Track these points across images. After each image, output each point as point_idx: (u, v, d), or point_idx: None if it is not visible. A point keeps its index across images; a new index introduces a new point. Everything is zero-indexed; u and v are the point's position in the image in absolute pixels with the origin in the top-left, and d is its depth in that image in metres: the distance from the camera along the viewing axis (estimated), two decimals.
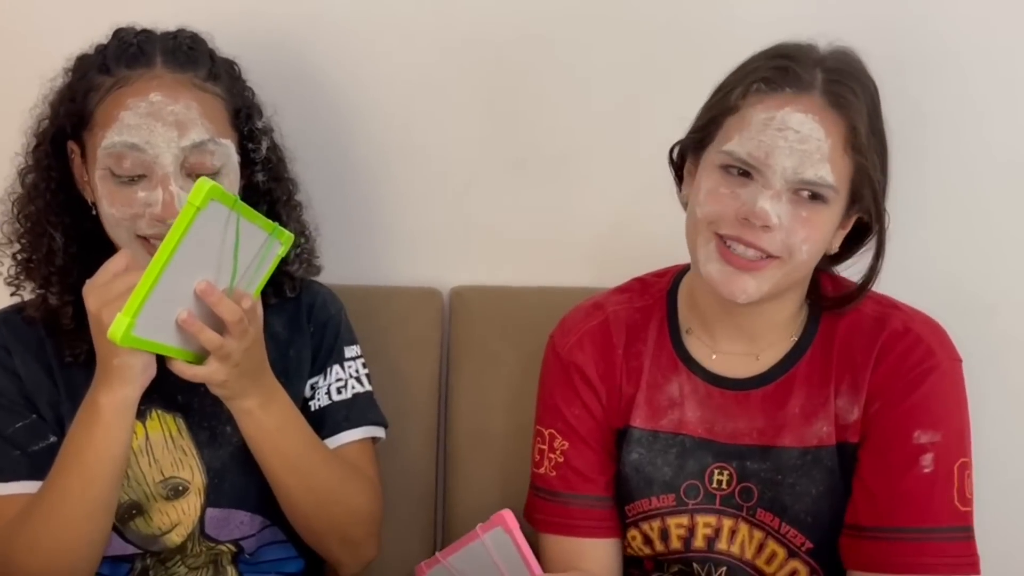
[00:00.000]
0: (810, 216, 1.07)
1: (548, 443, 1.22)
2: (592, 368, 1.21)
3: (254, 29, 1.39)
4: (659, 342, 1.21)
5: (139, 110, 1.07)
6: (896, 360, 1.11)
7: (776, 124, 1.06)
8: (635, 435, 1.19)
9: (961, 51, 1.44)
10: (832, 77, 1.08)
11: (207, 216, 0.93)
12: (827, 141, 1.05)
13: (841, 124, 1.06)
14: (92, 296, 1.00)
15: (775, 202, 1.06)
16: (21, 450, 1.13)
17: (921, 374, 1.10)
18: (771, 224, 1.05)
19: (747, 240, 1.07)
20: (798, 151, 1.05)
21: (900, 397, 1.10)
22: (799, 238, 1.06)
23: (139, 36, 1.13)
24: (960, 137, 1.46)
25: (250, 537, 1.21)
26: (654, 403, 1.19)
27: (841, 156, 1.06)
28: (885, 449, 1.10)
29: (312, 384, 1.24)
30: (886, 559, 1.09)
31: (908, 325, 1.13)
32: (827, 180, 1.05)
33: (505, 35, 1.45)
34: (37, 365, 1.16)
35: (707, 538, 1.17)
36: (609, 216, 1.50)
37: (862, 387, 1.12)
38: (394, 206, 1.50)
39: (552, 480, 1.21)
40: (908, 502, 1.09)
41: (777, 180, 1.06)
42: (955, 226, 1.49)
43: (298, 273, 1.25)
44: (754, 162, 1.06)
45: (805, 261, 1.09)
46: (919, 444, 1.09)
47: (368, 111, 1.46)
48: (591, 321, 1.23)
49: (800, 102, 1.06)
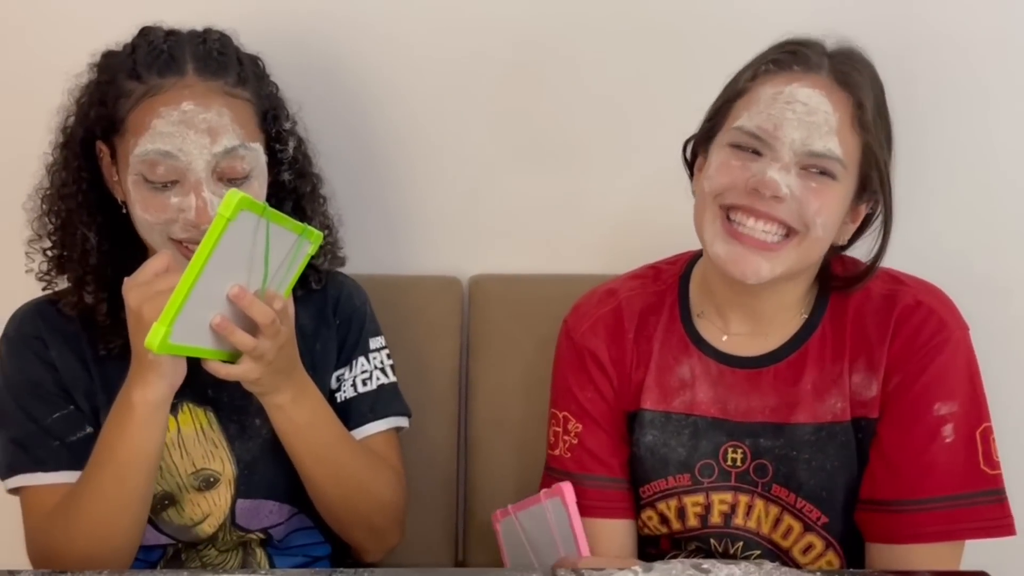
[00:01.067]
0: (820, 188, 1.09)
1: (563, 426, 1.25)
2: (604, 353, 1.23)
3: (277, 24, 1.40)
4: (669, 326, 1.23)
5: (171, 118, 1.09)
6: (910, 334, 1.13)
7: (784, 98, 1.08)
8: (647, 417, 1.21)
9: (969, 31, 1.45)
10: (838, 59, 1.11)
11: (237, 225, 0.95)
12: (835, 115, 1.08)
13: (848, 101, 1.09)
14: (133, 293, 1.02)
15: (784, 174, 1.08)
16: (60, 440, 1.16)
17: (935, 347, 1.12)
18: (781, 194, 1.07)
19: (759, 211, 1.08)
20: (806, 123, 1.07)
21: (917, 372, 1.12)
22: (812, 209, 1.08)
23: (168, 40, 1.14)
24: (969, 119, 1.48)
25: (279, 525, 1.25)
26: (664, 385, 1.21)
27: (849, 132, 1.09)
28: (907, 424, 1.13)
29: (338, 376, 1.27)
30: (917, 530, 1.11)
31: (918, 298, 1.15)
32: (835, 152, 1.08)
33: (522, 31, 1.46)
34: (72, 357, 1.19)
35: (723, 514, 1.20)
36: (624, 205, 1.52)
37: (879, 363, 1.14)
38: (414, 197, 1.51)
39: (566, 461, 1.24)
40: (934, 473, 1.11)
41: (786, 152, 1.08)
42: (967, 208, 1.51)
43: (323, 266, 1.27)
44: (763, 135, 1.09)
45: (820, 238, 1.10)
46: (939, 416, 1.12)
47: (388, 104, 1.48)
48: (604, 307, 1.25)
49: (808, 79, 1.10)
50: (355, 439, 1.22)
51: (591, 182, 1.52)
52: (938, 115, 1.47)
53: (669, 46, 1.46)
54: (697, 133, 1.20)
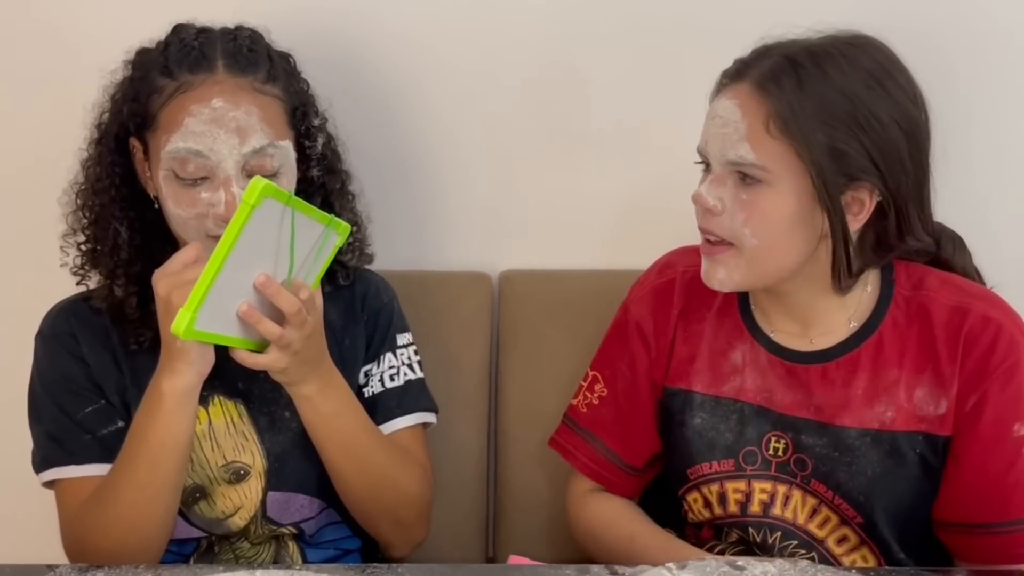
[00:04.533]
0: (751, 198, 1.10)
1: (590, 384, 1.30)
2: (649, 322, 1.26)
3: (308, 21, 1.41)
4: (725, 309, 1.24)
5: (202, 116, 1.10)
6: (983, 354, 1.12)
7: (711, 114, 1.14)
8: (697, 400, 1.22)
9: (999, 29, 1.44)
10: (772, 61, 1.10)
11: (262, 213, 0.95)
12: (743, 122, 1.09)
13: (764, 105, 1.08)
14: (162, 282, 1.03)
15: (715, 186, 1.11)
16: (92, 434, 1.18)
17: (1010, 367, 1.12)
18: (708, 206, 1.11)
19: (702, 227, 1.13)
20: (720, 135, 1.11)
21: (993, 393, 1.12)
22: (739, 220, 1.10)
23: (200, 38, 1.15)
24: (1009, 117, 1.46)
25: (310, 520, 1.25)
26: (717, 369, 1.22)
27: (764, 136, 1.08)
28: (988, 446, 1.13)
29: (366, 371, 1.27)
30: (1007, 551, 1.13)
31: (988, 314, 1.13)
32: (747, 158, 1.09)
33: (549, 26, 1.46)
34: (104, 352, 1.21)
35: (763, 503, 1.20)
36: (652, 199, 1.51)
37: (950, 381, 1.13)
38: (444, 193, 1.52)
39: (581, 415, 1.29)
40: (1019, 494, 1.12)
41: (716, 164, 1.12)
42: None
43: (351, 263, 1.28)
44: (702, 152, 1.15)
45: (759, 246, 1.10)
46: (1020, 436, 1.12)
47: (417, 101, 1.48)
48: (660, 279, 1.29)
49: (730, 90, 1.13)
50: (382, 433, 1.23)
51: (620, 177, 1.51)
52: (983, 103, 1.46)
53: (695, 40, 1.46)
54: None
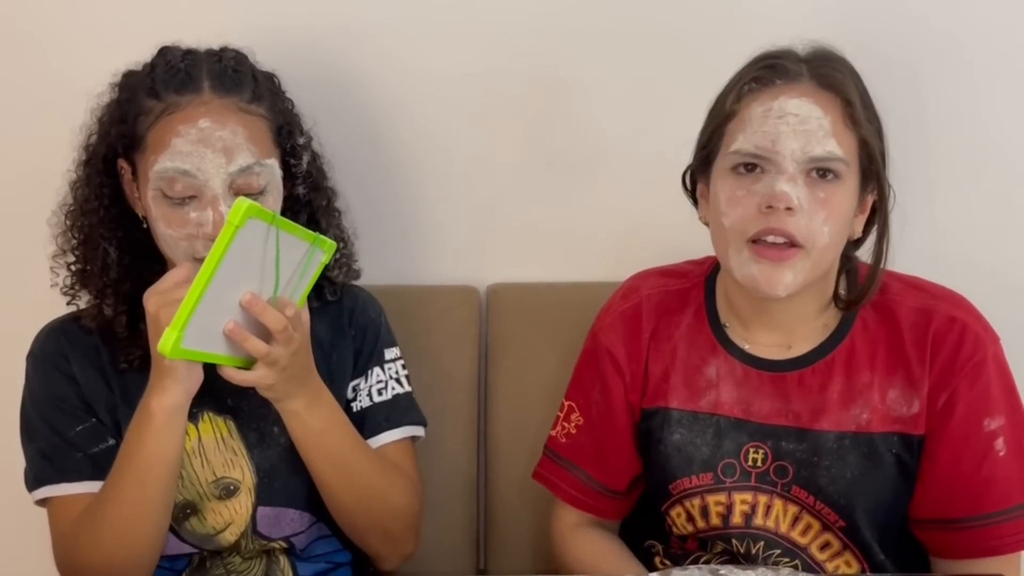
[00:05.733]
0: (827, 196, 1.11)
1: (566, 414, 1.31)
2: (620, 349, 1.26)
3: (291, 40, 1.43)
4: (696, 326, 1.25)
5: (189, 137, 1.11)
6: (950, 354, 1.15)
7: (775, 113, 1.11)
8: (675, 416, 1.23)
9: (973, 31, 1.46)
10: (816, 63, 1.14)
11: (247, 233, 0.97)
12: (827, 118, 1.10)
13: (836, 101, 1.11)
14: (152, 300, 1.05)
15: (792, 185, 1.09)
16: (83, 452, 1.19)
17: (976, 366, 1.14)
18: (793, 205, 1.09)
19: (776, 228, 1.10)
20: (801, 132, 1.10)
21: (962, 391, 1.14)
22: (819, 219, 1.10)
23: (185, 59, 1.17)
24: (981, 114, 1.48)
25: (300, 534, 1.26)
26: (692, 385, 1.23)
27: (843, 130, 1.11)
28: (959, 443, 1.15)
29: (354, 386, 1.28)
30: (984, 544, 1.15)
31: (952, 314, 1.17)
32: (836, 153, 1.10)
33: (535, 43, 1.48)
34: (94, 371, 1.22)
35: (744, 515, 1.21)
36: (639, 212, 1.52)
37: (921, 381, 1.16)
38: (431, 208, 1.53)
39: (561, 445, 1.31)
40: (993, 487, 1.15)
41: (789, 163, 1.10)
42: (981, 209, 1.51)
43: (339, 279, 1.30)
44: (763, 152, 1.11)
45: (828, 244, 1.12)
46: (990, 431, 1.14)
47: (404, 116, 1.50)
48: (625, 303, 1.29)
49: (792, 89, 1.12)
50: (370, 447, 1.24)
51: (606, 190, 1.53)
52: (943, 112, 1.48)
53: (680, 53, 1.47)
54: (693, 162, 1.22)
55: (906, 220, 1.19)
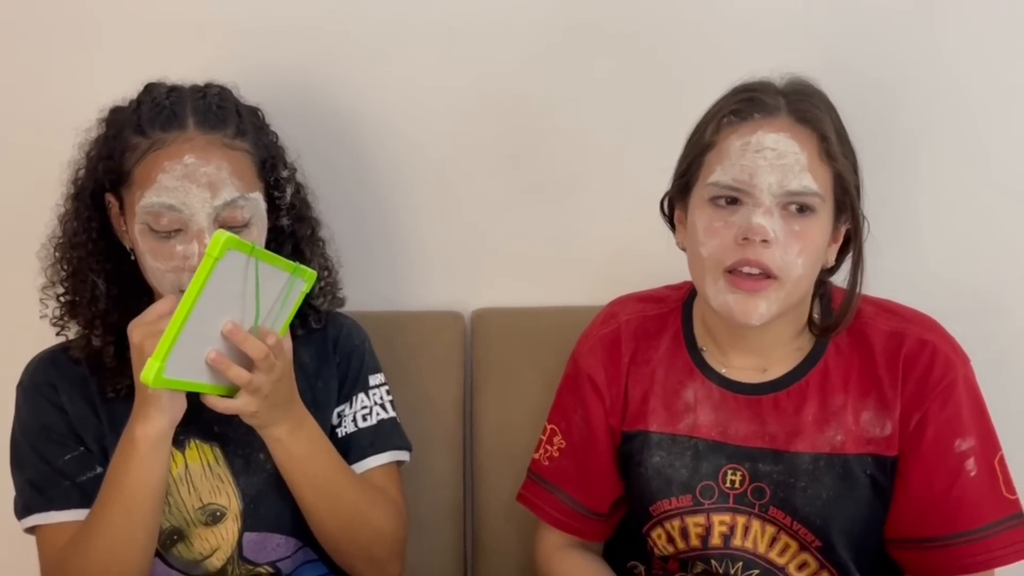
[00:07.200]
0: (802, 229, 1.13)
1: (548, 437, 1.33)
2: (600, 374, 1.28)
3: (275, 75, 1.45)
4: (673, 350, 1.27)
5: (175, 172, 1.14)
6: (921, 376, 1.17)
7: (753, 147, 1.13)
8: (654, 439, 1.25)
9: (956, 53, 1.49)
10: (793, 98, 1.16)
11: (226, 264, 0.99)
12: (803, 153, 1.13)
13: (812, 136, 1.14)
14: (137, 331, 1.07)
15: (768, 217, 1.12)
16: (71, 480, 1.21)
17: (947, 387, 1.16)
18: (769, 238, 1.11)
19: (752, 260, 1.12)
20: (779, 166, 1.12)
21: (933, 413, 1.16)
22: (794, 252, 1.12)
23: (171, 96, 1.19)
24: (957, 136, 1.51)
25: (286, 559, 1.28)
26: (671, 407, 1.25)
27: (819, 164, 1.13)
28: (931, 464, 1.17)
29: (339, 412, 1.30)
30: (958, 562, 1.17)
31: (922, 337, 1.19)
32: (812, 187, 1.12)
33: (520, 72, 1.51)
34: (82, 401, 1.24)
35: (723, 535, 1.23)
36: (622, 237, 1.55)
37: (893, 403, 1.18)
38: (416, 234, 1.56)
39: (544, 468, 1.33)
40: (964, 507, 1.16)
41: (765, 197, 1.12)
42: (957, 229, 1.53)
43: (323, 307, 1.32)
44: (740, 186, 1.13)
45: (803, 275, 1.14)
46: (961, 452, 1.16)
47: (388, 145, 1.52)
48: (604, 328, 1.31)
49: (770, 124, 1.14)
50: (354, 472, 1.25)
51: (589, 215, 1.55)
52: (927, 134, 1.50)
53: (664, 83, 1.50)
54: (671, 189, 1.24)
55: (881, 243, 1.21)
